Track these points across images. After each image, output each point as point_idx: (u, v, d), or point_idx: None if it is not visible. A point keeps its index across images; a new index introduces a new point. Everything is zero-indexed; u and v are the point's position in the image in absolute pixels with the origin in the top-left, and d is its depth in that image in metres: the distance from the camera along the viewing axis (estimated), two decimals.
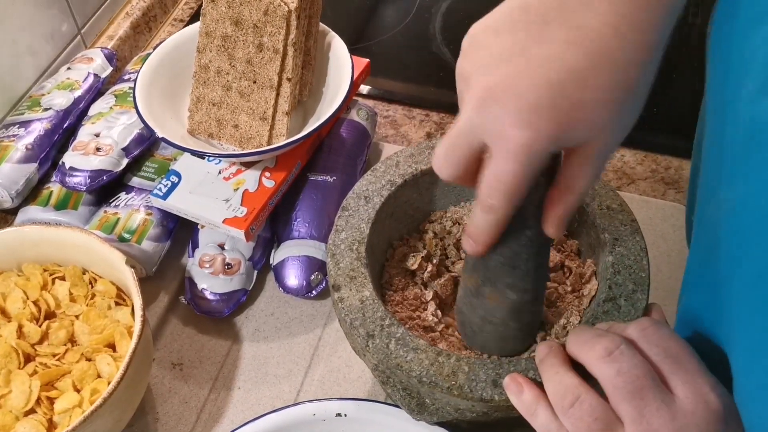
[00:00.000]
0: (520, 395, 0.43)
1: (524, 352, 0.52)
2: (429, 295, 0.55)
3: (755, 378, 0.34)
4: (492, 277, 0.47)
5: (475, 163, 0.40)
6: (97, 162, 0.68)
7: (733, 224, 0.36)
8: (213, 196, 0.65)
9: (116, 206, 0.69)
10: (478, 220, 0.42)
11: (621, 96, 0.36)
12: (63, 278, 0.61)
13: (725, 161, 0.38)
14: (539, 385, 0.43)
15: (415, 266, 0.57)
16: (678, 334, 0.40)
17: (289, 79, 0.65)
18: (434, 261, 0.57)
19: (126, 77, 0.78)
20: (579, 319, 0.53)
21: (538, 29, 0.36)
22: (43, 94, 0.75)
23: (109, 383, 0.52)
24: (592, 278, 0.54)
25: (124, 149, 0.70)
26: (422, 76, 0.89)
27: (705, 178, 0.43)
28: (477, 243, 0.43)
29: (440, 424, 0.51)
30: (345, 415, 0.54)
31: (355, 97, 0.80)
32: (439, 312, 0.55)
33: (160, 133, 0.64)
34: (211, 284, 0.65)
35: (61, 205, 0.69)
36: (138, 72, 0.68)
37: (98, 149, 0.69)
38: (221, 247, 0.67)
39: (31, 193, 0.71)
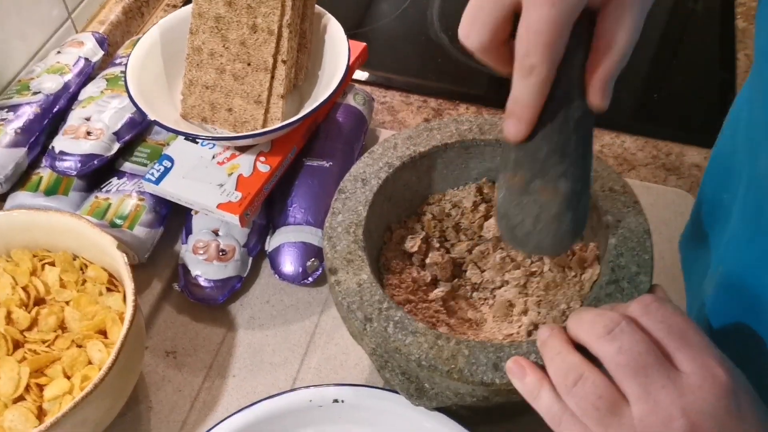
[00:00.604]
0: (523, 379, 0.42)
1: (574, 246, 0.51)
2: (429, 276, 0.54)
3: None
4: (542, 168, 0.42)
5: (505, 25, 0.38)
6: (87, 146, 0.67)
7: None
8: (207, 180, 0.64)
9: (108, 192, 0.67)
10: (518, 91, 0.39)
11: None
12: (53, 264, 0.60)
13: None
14: (543, 368, 0.42)
15: (415, 248, 0.55)
16: (681, 310, 0.40)
17: (284, 62, 0.64)
18: (433, 243, 0.56)
19: (117, 61, 0.77)
20: (580, 304, 0.52)
21: None
22: (33, 78, 0.74)
23: (100, 370, 0.51)
24: (594, 263, 0.53)
25: (115, 133, 0.68)
26: (420, 62, 0.88)
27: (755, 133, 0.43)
28: (520, 120, 0.40)
29: (439, 409, 0.50)
30: (342, 401, 0.53)
31: (352, 83, 0.78)
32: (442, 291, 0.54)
33: (152, 117, 0.62)
34: (205, 271, 0.64)
35: (51, 191, 0.68)
36: (129, 55, 0.67)
37: (89, 133, 0.67)
38: (215, 233, 0.66)
39: (20, 179, 0.69)
